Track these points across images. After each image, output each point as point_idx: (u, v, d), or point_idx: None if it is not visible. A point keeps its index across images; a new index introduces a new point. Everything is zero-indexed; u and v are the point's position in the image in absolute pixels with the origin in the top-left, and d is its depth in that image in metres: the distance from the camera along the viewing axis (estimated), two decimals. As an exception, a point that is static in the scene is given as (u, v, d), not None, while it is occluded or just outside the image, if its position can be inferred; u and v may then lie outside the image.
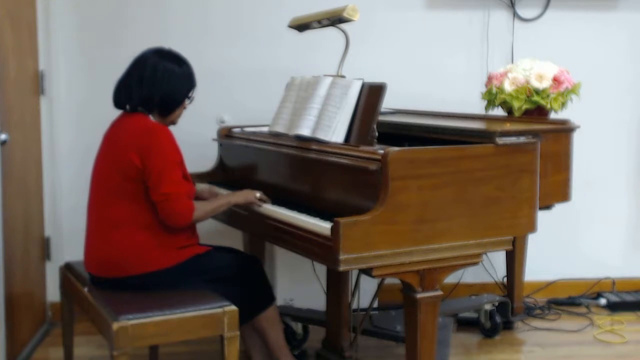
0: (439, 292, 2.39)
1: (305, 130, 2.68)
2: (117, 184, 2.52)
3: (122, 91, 2.62)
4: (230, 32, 3.80)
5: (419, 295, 2.35)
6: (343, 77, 2.75)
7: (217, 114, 3.78)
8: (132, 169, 2.48)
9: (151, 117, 2.60)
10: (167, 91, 2.59)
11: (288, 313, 3.31)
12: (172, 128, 2.61)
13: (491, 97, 3.37)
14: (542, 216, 2.63)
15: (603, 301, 3.93)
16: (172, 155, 2.51)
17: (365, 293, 3.22)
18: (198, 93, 3.93)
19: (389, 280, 2.72)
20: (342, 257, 2.16)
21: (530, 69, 3.28)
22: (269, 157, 2.90)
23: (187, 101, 2.68)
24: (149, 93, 2.57)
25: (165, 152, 2.49)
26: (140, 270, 2.50)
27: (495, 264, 3.83)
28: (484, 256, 2.50)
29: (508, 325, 3.57)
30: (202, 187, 2.99)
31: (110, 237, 2.52)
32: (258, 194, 2.69)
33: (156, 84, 2.58)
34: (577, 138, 3.09)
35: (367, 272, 2.25)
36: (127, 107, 2.62)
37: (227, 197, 2.71)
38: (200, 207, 2.57)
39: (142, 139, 2.49)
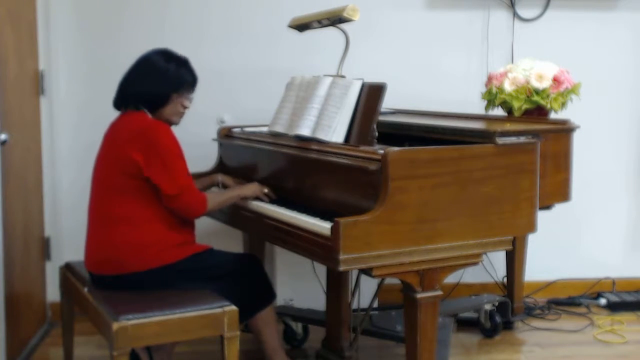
0: (439, 292, 2.39)
1: (305, 130, 2.68)
2: (118, 181, 2.53)
3: (118, 91, 2.67)
4: (230, 32, 3.80)
5: (419, 295, 2.34)
6: (343, 77, 2.75)
7: (217, 114, 3.78)
8: (133, 166, 2.50)
9: (149, 115, 2.62)
10: (147, 86, 2.61)
11: (288, 313, 3.31)
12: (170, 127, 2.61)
13: (491, 97, 3.37)
14: (542, 216, 2.63)
15: (603, 301, 3.93)
16: (174, 149, 2.55)
17: (365, 293, 3.22)
18: (198, 93, 3.93)
19: (389, 280, 2.72)
20: (342, 257, 2.16)
21: (530, 69, 3.28)
22: (269, 157, 2.90)
23: (176, 98, 2.63)
24: (133, 88, 2.63)
25: (167, 147, 2.52)
26: (138, 268, 2.51)
27: (495, 264, 3.83)
28: (484, 256, 2.49)
29: (508, 325, 3.57)
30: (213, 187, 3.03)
31: (110, 235, 2.54)
32: (266, 190, 2.76)
33: (139, 79, 2.63)
34: (577, 138, 3.09)
35: (367, 272, 2.25)
36: (122, 106, 2.66)
37: (237, 190, 2.77)
38: (212, 198, 2.64)
39: (141, 136, 2.52)
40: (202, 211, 2.59)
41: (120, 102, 2.67)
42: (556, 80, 3.25)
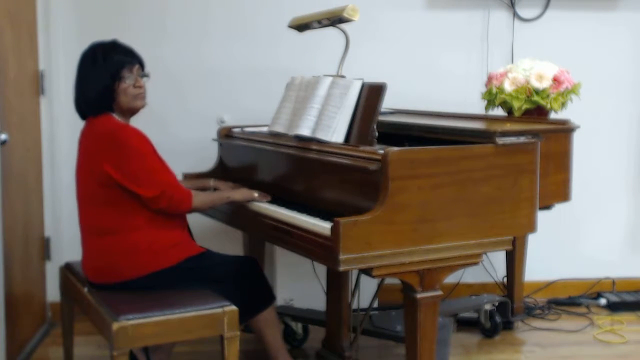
0: (439, 292, 2.39)
1: (305, 130, 2.68)
2: (98, 193, 2.51)
3: (74, 104, 2.66)
4: (230, 32, 3.79)
5: (419, 295, 2.35)
6: (343, 77, 2.75)
7: (217, 114, 3.78)
8: (107, 177, 2.47)
9: (113, 115, 2.58)
10: (89, 90, 2.57)
11: (288, 313, 3.31)
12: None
13: (491, 97, 3.37)
14: (542, 216, 2.63)
15: (603, 301, 3.93)
16: (143, 149, 2.49)
17: (365, 293, 3.22)
18: (198, 93, 3.93)
19: (389, 280, 2.72)
20: (342, 257, 2.16)
21: (530, 69, 3.28)
22: (268, 157, 2.90)
23: (122, 85, 2.56)
24: (81, 97, 2.60)
25: (135, 150, 2.47)
26: (135, 274, 2.50)
27: (495, 264, 3.83)
28: (484, 256, 2.49)
29: (508, 325, 3.57)
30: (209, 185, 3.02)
31: (102, 245, 2.52)
32: (256, 194, 2.72)
33: (80, 87, 2.60)
34: (577, 138, 3.09)
35: (367, 272, 2.25)
36: (84, 115, 2.64)
37: (226, 193, 2.76)
38: (198, 196, 2.60)
39: (108, 146, 2.48)
40: (189, 205, 2.55)
41: (80, 112, 2.64)
42: (556, 80, 3.25)
